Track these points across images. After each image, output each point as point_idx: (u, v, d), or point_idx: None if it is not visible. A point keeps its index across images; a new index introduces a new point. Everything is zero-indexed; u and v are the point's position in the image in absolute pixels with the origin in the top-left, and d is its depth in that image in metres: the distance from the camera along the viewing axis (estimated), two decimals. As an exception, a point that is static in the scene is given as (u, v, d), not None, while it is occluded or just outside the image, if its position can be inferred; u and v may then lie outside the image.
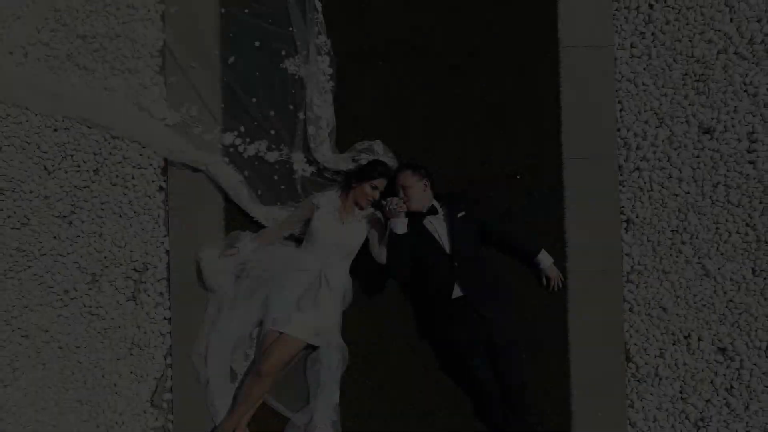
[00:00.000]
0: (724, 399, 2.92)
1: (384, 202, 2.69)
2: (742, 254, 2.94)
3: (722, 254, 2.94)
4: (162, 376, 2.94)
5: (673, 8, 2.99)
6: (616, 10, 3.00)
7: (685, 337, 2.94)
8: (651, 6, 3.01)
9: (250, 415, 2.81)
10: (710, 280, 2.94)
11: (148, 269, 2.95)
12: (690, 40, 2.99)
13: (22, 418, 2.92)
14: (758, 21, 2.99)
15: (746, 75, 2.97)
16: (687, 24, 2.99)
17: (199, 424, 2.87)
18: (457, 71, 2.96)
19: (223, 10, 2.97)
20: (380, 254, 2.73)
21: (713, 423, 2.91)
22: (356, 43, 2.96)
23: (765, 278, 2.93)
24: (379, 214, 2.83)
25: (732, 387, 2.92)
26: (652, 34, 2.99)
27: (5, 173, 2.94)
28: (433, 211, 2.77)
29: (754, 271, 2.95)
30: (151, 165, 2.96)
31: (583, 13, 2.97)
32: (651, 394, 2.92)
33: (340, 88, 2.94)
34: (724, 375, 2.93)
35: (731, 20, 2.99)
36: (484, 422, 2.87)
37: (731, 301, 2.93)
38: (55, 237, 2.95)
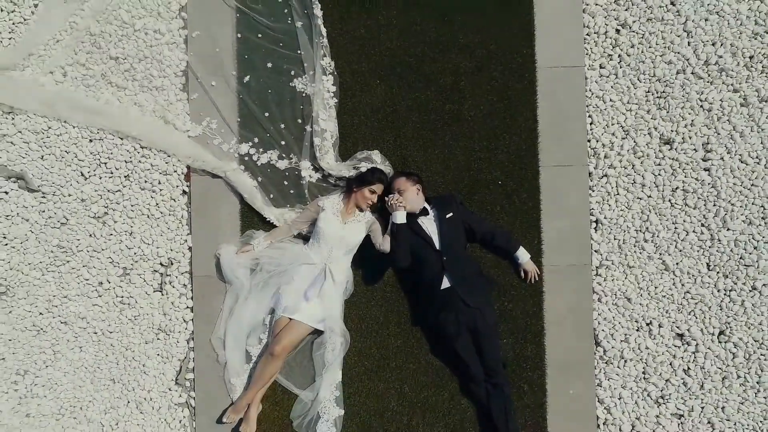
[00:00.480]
0: (682, 379, 3.31)
1: (386, 198, 3.09)
2: (697, 251, 3.33)
3: (680, 251, 3.33)
4: (185, 358, 3.32)
5: (637, 33, 3.38)
6: (587, 35, 3.39)
7: (647, 324, 3.33)
8: (617, 31, 3.40)
9: (263, 392, 3.19)
10: (669, 274, 3.33)
11: (172, 264, 3.34)
12: (652, 62, 3.37)
13: (62, 395, 3.31)
14: (713, 44, 3.38)
15: (702, 92, 3.36)
16: (650, 47, 3.38)
17: (218, 400, 3.26)
18: (445, 90, 3.35)
19: (239, 35, 3.35)
20: (384, 244, 3.09)
21: (672, 400, 3.30)
22: (357, 65, 3.35)
23: (718, 272, 3.32)
24: (376, 216, 3.22)
25: (689, 368, 3.31)
26: (619, 56, 3.38)
27: (47, 179, 3.33)
28: (424, 212, 3.16)
29: (708, 266, 3.33)
30: (175, 172, 3.35)
31: (557, 38, 3.36)
32: (617, 374, 3.31)
33: (342, 104, 3.33)
34: (682, 358, 3.32)
35: (689, 44, 3.38)
36: (469, 398, 3.25)
37: (688, 292, 3.32)
38: (90, 235, 3.33)
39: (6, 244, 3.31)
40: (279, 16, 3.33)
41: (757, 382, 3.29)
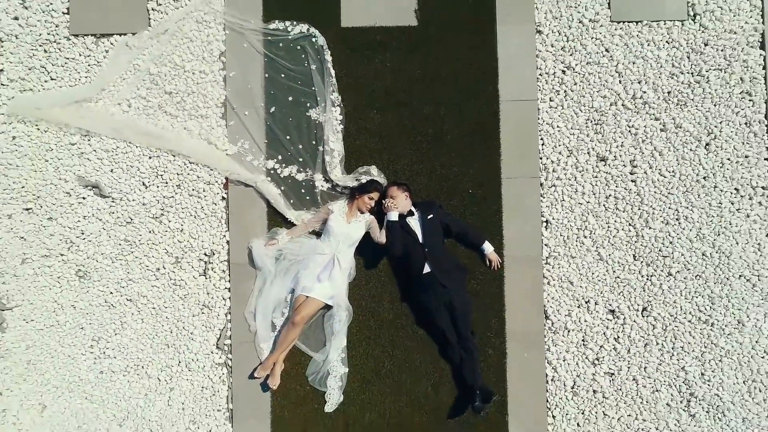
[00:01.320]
0: (613, 345, 4.21)
1: (383, 202, 3.99)
2: (626, 245, 4.24)
3: (612, 245, 4.24)
4: (224, 328, 4.23)
5: (579, 74, 4.29)
6: (539, 75, 4.30)
7: (586, 302, 4.24)
8: (564, 72, 4.31)
9: (285, 354, 4.10)
10: (603, 263, 4.24)
11: (214, 254, 4.25)
12: (591, 96, 4.28)
13: (128, 356, 4.23)
14: (639, 83, 4.29)
15: (630, 120, 4.27)
16: (589, 85, 4.29)
17: (250, 361, 4.17)
18: (428, 118, 4.26)
19: (266, 75, 4.27)
20: (380, 237, 4.00)
21: (605, 362, 4.21)
22: (359, 99, 4.26)
23: (642, 262, 4.23)
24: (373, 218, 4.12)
25: (618, 337, 4.22)
26: (564, 92, 4.29)
27: (116, 187, 4.25)
28: (410, 213, 4.05)
29: (634, 256, 4.24)
30: (216, 182, 4.26)
31: (516, 77, 4.26)
32: (562, 341, 4.22)
33: (347, 129, 4.23)
34: (613, 329, 4.22)
35: (620, 82, 4.29)
36: (445, 359, 4.16)
37: (618, 277, 4.23)
38: (150, 231, 4.25)
39: (84, 239, 4.23)
40: (298, 60, 4.25)
41: (672, 348, 4.20)
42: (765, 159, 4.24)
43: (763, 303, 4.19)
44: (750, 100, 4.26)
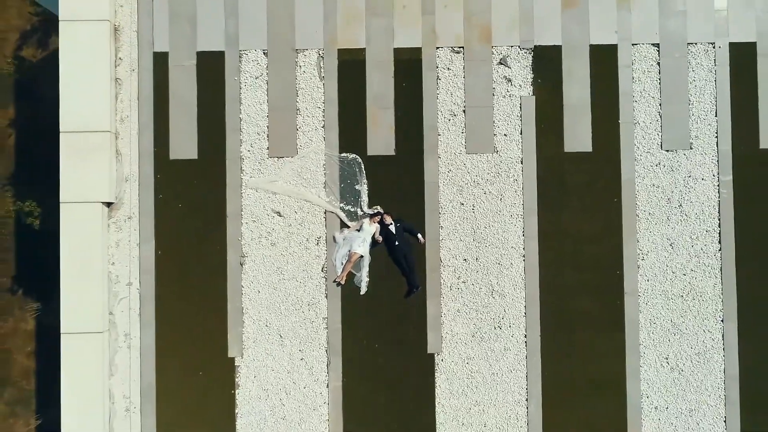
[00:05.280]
0: (464, 271, 11.63)
1: (376, 237, 11.49)
2: (470, 236, 11.67)
3: (464, 235, 11.66)
4: (324, 264, 11.66)
5: (453, 172, 11.79)
6: (440, 174, 11.78)
7: (455, 256, 11.66)
8: (449, 172, 11.81)
9: (347, 273, 11.56)
10: (463, 243, 11.66)
11: (320, 237, 11.71)
12: (458, 185, 11.77)
13: (290, 273, 11.69)
14: (474, 181, 11.78)
15: (472, 192, 11.74)
16: (454, 183, 11.77)
17: (332, 273, 11.62)
18: (394, 198, 11.74)
19: (339, 173, 11.76)
20: (377, 236, 11.51)
21: (461, 277, 11.63)
22: (373, 182, 11.73)
23: (475, 241, 11.65)
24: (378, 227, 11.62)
25: (465, 269, 11.64)
26: (449, 179, 11.77)
27: (285, 213, 11.72)
28: (391, 223, 11.52)
29: (473, 239, 11.69)
30: (322, 212, 11.75)
31: (431, 172, 11.77)
32: (447, 270, 11.64)
33: (369, 196, 11.71)
34: (464, 266, 11.65)
35: (468, 174, 11.79)
36: (404, 277, 11.60)
37: (466, 246, 11.66)
38: (297, 229, 11.74)
39: (273, 231, 11.72)
40: (351, 167, 11.69)
41: (487, 271, 11.59)
42: (521, 205, 11.69)
43: (520, 257, 11.61)
44: (521, 186, 11.71)
